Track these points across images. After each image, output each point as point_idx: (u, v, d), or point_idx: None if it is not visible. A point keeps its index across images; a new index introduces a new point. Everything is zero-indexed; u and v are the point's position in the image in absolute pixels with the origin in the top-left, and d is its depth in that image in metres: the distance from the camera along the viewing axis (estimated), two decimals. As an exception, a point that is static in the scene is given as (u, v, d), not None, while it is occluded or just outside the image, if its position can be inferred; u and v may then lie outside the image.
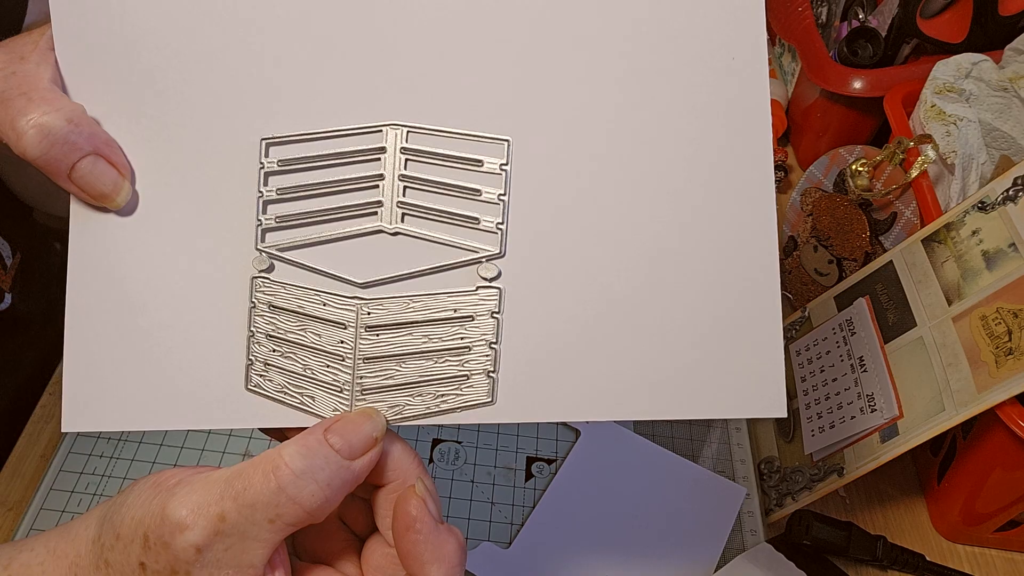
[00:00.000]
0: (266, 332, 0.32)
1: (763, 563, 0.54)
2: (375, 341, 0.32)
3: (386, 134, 0.32)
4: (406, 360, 0.32)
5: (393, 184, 0.32)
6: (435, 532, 0.31)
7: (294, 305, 0.32)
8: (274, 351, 0.32)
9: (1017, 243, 0.52)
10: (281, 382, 0.32)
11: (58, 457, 0.56)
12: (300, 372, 0.32)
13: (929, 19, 0.73)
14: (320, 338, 0.32)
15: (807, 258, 0.70)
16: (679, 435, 0.62)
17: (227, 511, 0.29)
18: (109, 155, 0.33)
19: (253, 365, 0.33)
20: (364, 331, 0.32)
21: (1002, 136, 0.61)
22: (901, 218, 0.64)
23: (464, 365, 0.32)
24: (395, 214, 0.32)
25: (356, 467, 0.30)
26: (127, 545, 0.30)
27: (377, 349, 0.32)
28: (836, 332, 0.62)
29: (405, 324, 0.32)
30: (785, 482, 0.58)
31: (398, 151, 0.32)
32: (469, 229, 0.32)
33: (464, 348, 0.32)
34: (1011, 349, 0.49)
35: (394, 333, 0.32)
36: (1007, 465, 0.52)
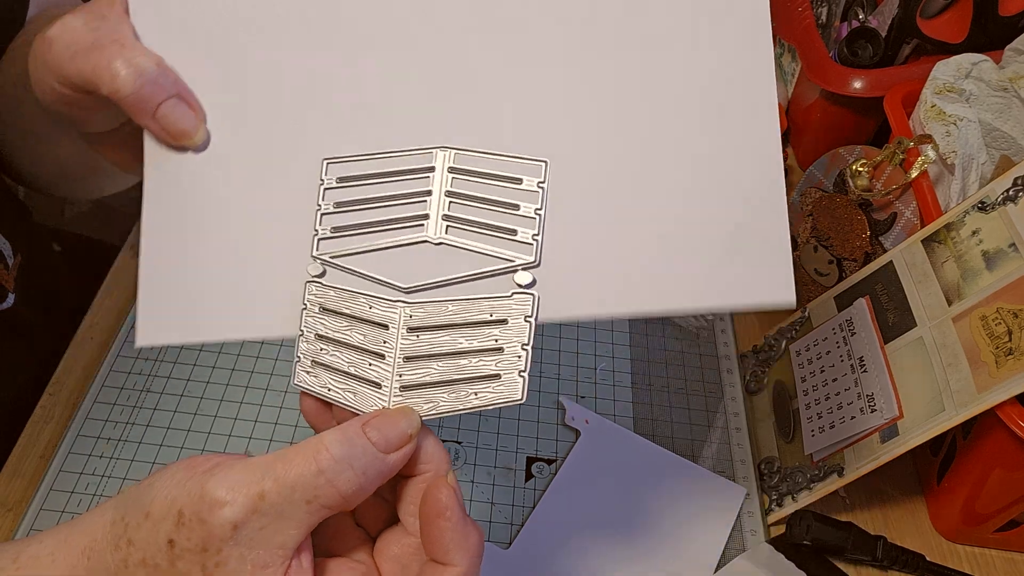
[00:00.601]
0: (315, 332, 0.35)
1: (763, 563, 0.54)
2: (415, 341, 0.34)
3: (436, 155, 0.35)
4: (443, 359, 0.34)
5: (439, 199, 0.35)
6: (463, 522, 0.32)
7: (343, 308, 0.35)
8: (322, 350, 0.35)
9: (1017, 243, 0.52)
10: (326, 379, 0.35)
11: (58, 457, 0.56)
12: (344, 369, 0.35)
13: (929, 19, 0.73)
14: (365, 338, 0.35)
15: (807, 258, 0.70)
16: (679, 435, 0.62)
17: (267, 490, 0.30)
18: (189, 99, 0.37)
19: (301, 362, 0.35)
20: (406, 332, 0.35)
21: (1002, 136, 0.61)
22: (901, 218, 0.64)
23: (497, 365, 0.34)
24: (440, 226, 0.35)
25: (391, 460, 0.32)
26: (157, 523, 0.31)
27: (417, 349, 0.34)
28: (836, 332, 0.62)
29: (444, 326, 0.34)
30: (785, 482, 0.58)
31: (446, 170, 0.35)
32: (507, 240, 0.34)
33: (498, 349, 0.34)
34: (1011, 349, 0.49)
35: (433, 334, 0.34)
36: (1007, 465, 0.52)
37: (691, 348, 0.68)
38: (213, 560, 0.30)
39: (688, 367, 0.67)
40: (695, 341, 0.69)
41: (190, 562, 0.30)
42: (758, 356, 0.67)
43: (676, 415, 0.63)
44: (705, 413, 0.64)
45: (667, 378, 0.66)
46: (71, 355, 0.62)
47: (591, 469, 0.59)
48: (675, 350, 0.68)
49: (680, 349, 0.68)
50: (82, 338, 0.63)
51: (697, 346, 0.68)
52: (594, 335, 0.68)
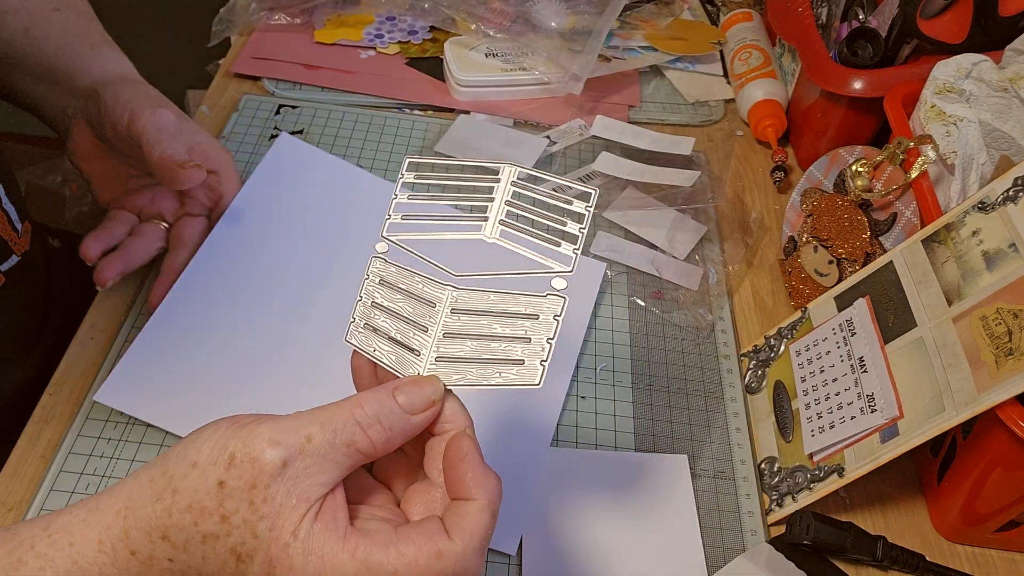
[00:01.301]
0: (372, 300, 0.41)
1: (763, 563, 0.54)
2: (456, 321, 0.39)
3: (503, 169, 0.41)
4: (477, 340, 0.39)
5: (499, 206, 0.41)
6: (482, 465, 0.37)
7: (400, 283, 0.41)
8: (374, 316, 0.41)
9: (1017, 243, 0.52)
10: (375, 341, 0.40)
11: (58, 458, 0.56)
12: (391, 335, 0.40)
13: (929, 19, 0.73)
14: (413, 311, 0.40)
15: (807, 258, 0.70)
16: (679, 435, 0.62)
17: (314, 434, 0.35)
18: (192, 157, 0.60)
19: (355, 323, 0.41)
20: (449, 312, 0.40)
21: (1002, 136, 0.61)
22: (901, 218, 0.64)
23: (523, 352, 0.39)
24: (495, 229, 0.40)
25: (414, 420, 0.37)
26: (206, 469, 0.35)
27: (456, 327, 0.39)
28: (836, 332, 0.62)
29: (483, 312, 0.39)
30: (785, 482, 0.58)
31: (509, 183, 0.41)
32: (550, 248, 0.39)
33: (526, 339, 0.39)
34: (1011, 349, 0.49)
35: (473, 317, 0.39)
36: (1007, 465, 0.52)
37: (691, 348, 0.68)
38: (261, 496, 0.34)
39: (688, 367, 0.67)
40: (695, 341, 0.69)
41: (239, 499, 0.34)
42: (758, 356, 0.67)
43: (676, 415, 0.63)
44: (705, 413, 0.64)
45: (667, 378, 0.66)
46: (71, 355, 0.62)
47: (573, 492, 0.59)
48: (675, 350, 0.68)
49: (680, 349, 0.68)
50: (82, 338, 0.63)
51: (697, 346, 0.68)
52: (595, 335, 0.68)
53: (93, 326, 0.64)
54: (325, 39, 0.91)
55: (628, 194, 0.79)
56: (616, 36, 0.92)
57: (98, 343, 0.63)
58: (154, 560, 0.36)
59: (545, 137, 0.84)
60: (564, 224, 0.39)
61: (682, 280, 0.73)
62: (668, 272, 0.73)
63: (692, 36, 0.96)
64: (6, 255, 0.60)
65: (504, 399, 0.62)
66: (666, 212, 0.78)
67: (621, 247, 0.75)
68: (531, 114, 0.86)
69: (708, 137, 0.88)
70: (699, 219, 0.78)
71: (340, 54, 0.90)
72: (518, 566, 0.54)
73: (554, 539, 0.55)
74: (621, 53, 0.92)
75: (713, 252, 0.76)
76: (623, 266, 0.74)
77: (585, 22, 0.90)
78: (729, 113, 0.92)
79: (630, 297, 0.71)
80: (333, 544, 0.35)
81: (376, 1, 0.95)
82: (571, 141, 0.85)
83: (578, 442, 0.61)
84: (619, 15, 0.91)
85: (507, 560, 0.54)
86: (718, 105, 0.92)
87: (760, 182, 0.84)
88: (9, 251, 0.61)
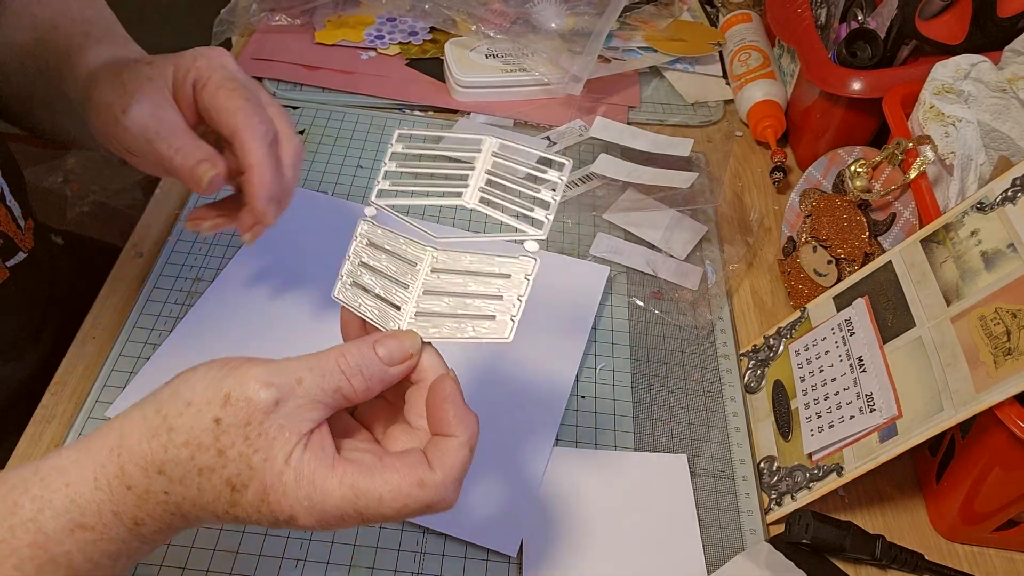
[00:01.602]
0: (360, 259, 0.44)
1: (762, 562, 0.54)
2: (435, 280, 0.42)
3: (484, 140, 0.43)
4: (454, 297, 0.42)
5: (479, 175, 0.43)
6: (464, 406, 0.40)
7: (385, 244, 0.44)
8: (361, 274, 0.44)
9: (1016, 244, 0.52)
10: (360, 296, 0.43)
11: (60, 457, 0.56)
12: (375, 292, 0.43)
13: (928, 20, 0.73)
14: (396, 270, 0.43)
15: (806, 259, 0.70)
16: (679, 435, 0.62)
17: (304, 377, 0.38)
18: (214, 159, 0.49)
19: (343, 280, 0.44)
20: (429, 271, 0.43)
21: (1001, 137, 0.61)
22: (900, 219, 0.65)
23: (495, 308, 0.41)
24: (475, 195, 0.43)
25: (393, 371, 0.40)
26: (201, 407, 0.37)
27: (435, 285, 0.42)
28: (835, 332, 0.62)
29: (460, 272, 0.42)
30: (784, 481, 0.59)
31: (490, 154, 0.43)
32: (524, 214, 0.42)
33: (499, 296, 0.41)
34: (1009, 349, 0.49)
35: (450, 276, 0.42)
36: (1006, 465, 0.52)
37: (691, 348, 0.68)
38: (256, 431, 0.37)
39: (688, 367, 0.67)
40: (695, 341, 0.69)
41: (234, 435, 0.37)
42: (757, 356, 0.67)
43: (675, 415, 0.64)
44: (704, 413, 0.64)
45: (667, 378, 0.66)
46: (73, 355, 0.62)
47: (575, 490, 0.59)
48: (675, 350, 0.68)
49: (680, 349, 0.68)
50: (83, 338, 0.63)
51: (697, 346, 0.69)
52: (594, 335, 0.68)
53: (95, 325, 0.64)
54: (326, 40, 0.91)
55: (628, 195, 0.79)
56: (616, 37, 0.93)
57: (99, 343, 0.63)
58: (150, 494, 0.38)
59: (545, 138, 0.84)
60: (538, 191, 0.42)
61: (681, 280, 0.73)
62: (667, 272, 0.73)
63: (691, 37, 0.96)
64: (12, 251, 0.60)
65: (509, 398, 0.62)
66: (665, 213, 0.78)
67: (621, 248, 0.75)
68: (531, 115, 0.87)
69: (707, 138, 0.89)
70: (698, 219, 0.78)
71: (341, 55, 0.91)
72: (518, 566, 0.54)
73: (554, 539, 0.55)
74: (621, 54, 0.92)
75: (712, 252, 0.76)
76: (622, 266, 0.74)
77: (585, 23, 0.90)
78: (728, 114, 0.92)
79: (630, 297, 0.71)
80: (323, 470, 0.37)
81: (377, 2, 0.95)
82: (571, 142, 0.85)
83: (578, 442, 0.61)
84: (619, 16, 0.92)
85: (507, 560, 0.54)
86: (717, 106, 0.92)
87: (759, 182, 0.84)
88: (15, 247, 0.61)
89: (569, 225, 0.77)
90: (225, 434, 0.37)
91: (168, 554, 0.52)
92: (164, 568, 0.52)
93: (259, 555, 0.53)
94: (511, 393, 0.63)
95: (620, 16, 0.92)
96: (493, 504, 0.56)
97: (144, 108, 0.48)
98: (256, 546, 0.53)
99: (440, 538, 0.55)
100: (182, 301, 0.66)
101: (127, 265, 0.69)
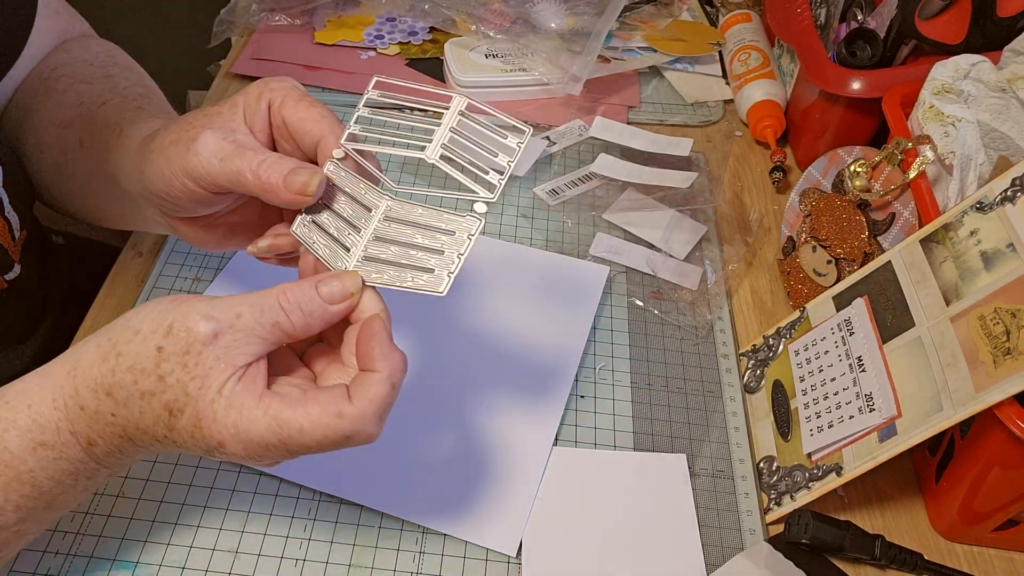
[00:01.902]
0: (321, 200, 0.46)
1: (762, 562, 0.54)
2: (387, 228, 0.44)
3: (455, 98, 0.45)
4: (400, 246, 0.44)
5: (444, 132, 0.45)
6: (389, 344, 0.42)
7: (346, 187, 0.46)
8: (320, 212, 0.46)
9: (1015, 243, 0.52)
10: (315, 234, 0.46)
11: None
12: (329, 231, 0.45)
13: (927, 20, 0.73)
14: (353, 214, 0.45)
15: (805, 258, 0.70)
16: (678, 434, 0.62)
17: (243, 312, 0.40)
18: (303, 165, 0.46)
19: (303, 216, 0.46)
20: (382, 218, 0.45)
21: (1000, 137, 0.61)
22: (899, 218, 0.65)
23: (435, 263, 0.43)
24: (437, 151, 0.45)
25: (332, 309, 0.42)
26: (147, 336, 0.40)
27: (385, 233, 0.44)
28: (835, 332, 0.62)
29: (410, 223, 0.44)
30: (783, 481, 0.59)
31: (457, 112, 0.45)
32: (479, 176, 0.43)
33: (440, 251, 0.43)
34: (1009, 349, 0.49)
35: (401, 226, 0.44)
36: (1005, 464, 0.52)
37: (690, 348, 0.68)
38: (194, 360, 0.39)
39: (687, 367, 0.67)
40: (694, 341, 0.69)
41: (174, 363, 0.39)
42: (757, 355, 0.67)
43: (675, 415, 0.64)
44: (704, 412, 0.64)
45: (666, 378, 0.66)
46: (72, 355, 0.62)
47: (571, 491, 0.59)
48: (674, 350, 0.68)
49: (679, 349, 0.68)
50: (83, 338, 0.63)
51: (696, 346, 0.69)
52: (594, 335, 0.68)
53: (94, 326, 0.64)
54: (325, 40, 0.91)
55: (627, 195, 0.79)
56: (615, 37, 0.93)
57: (99, 343, 0.63)
58: (99, 415, 0.41)
59: (544, 138, 0.84)
60: (496, 155, 0.43)
61: (681, 280, 0.73)
62: (667, 272, 0.73)
63: (691, 37, 0.96)
64: (8, 266, 0.60)
65: (509, 398, 0.62)
66: (665, 213, 0.78)
67: (620, 248, 0.75)
68: (530, 115, 0.87)
69: (707, 138, 0.89)
70: (698, 219, 0.78)
71: (340, 55, 0.91)
72: (518, 565, 0.54)
73: (553, 538, 0.55)
74: (620, 54, 0.92)
75: (712, 252, 0.76)
76: (622, 266, 0.74)
77: (584, 23, 0.90)
78: (728, 114, 0.92)
79: (629, 297, 0.71)
80: (250, 401, 0.40)
81: (376, 2, 0.95)
82: (570, 142, 0.85)
83: (577, 441, 0.61)
84: (618, 16, 0.92)
85: (507, 560, 0.54)
86: (717, 106, 0.92)
87: (759, 182, 0.84)
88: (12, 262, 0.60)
89: (569, 225, 0.77)
90: (166, 361, 0.40)
91: (168, 553, 0.52)
92: (164, 568, 0.52)
93: (259, 555, 0.53)
94: (511, 393, 0.63)
95: (620, 16, 0.92)
96: (493, 504, 0.56)
97: (216, 133, 0.47)
98: (256, 546, 0.53)
99: (440, 538, 0.55)
100: (182, 301, 0.66)
101: (126, 265, 0.69)
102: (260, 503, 0.55)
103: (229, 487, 0.56)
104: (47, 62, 0.64)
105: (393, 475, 0.57)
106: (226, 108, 0.48)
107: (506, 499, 0.57)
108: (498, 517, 0.56)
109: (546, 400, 0.62)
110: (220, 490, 0.55)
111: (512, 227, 0.76)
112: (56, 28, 0.66)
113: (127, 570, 0.51)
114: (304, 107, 0.47)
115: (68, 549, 0.52)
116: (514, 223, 0.77)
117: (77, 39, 0.68)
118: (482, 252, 0.73)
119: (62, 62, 0.64)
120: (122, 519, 0.53)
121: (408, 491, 0.56)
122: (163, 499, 0.55)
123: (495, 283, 0.70)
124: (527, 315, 0.68)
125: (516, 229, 0.76)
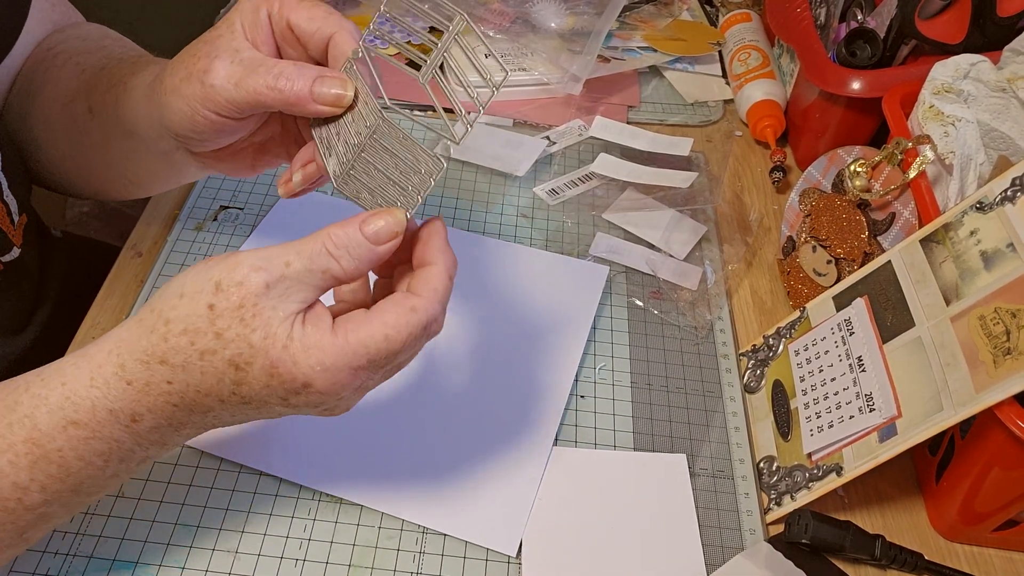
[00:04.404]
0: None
1: (762, 562, 0.54)
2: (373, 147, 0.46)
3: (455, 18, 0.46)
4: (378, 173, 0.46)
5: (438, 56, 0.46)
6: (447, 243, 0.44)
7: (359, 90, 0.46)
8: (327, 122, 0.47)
9: (1015, 243, 0.52)
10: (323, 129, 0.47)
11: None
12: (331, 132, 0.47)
13: (927, 20, 0.73)
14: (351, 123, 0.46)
15: (805, 258, 0.70)
16: (678, 434, 0.62)
17: (292, 261, 0.40)
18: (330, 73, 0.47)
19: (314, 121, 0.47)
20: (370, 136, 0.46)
21: (1000, 137, 0.61)
22: (899, 218, 0.65)
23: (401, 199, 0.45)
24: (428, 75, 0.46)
25: (379, 251, 0.42)
26: (194, 297, 0.40)
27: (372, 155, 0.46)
28: (835, 332, 0.62)
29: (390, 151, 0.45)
30: (784, 481, 0.59)
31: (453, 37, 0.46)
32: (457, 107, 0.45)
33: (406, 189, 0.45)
34: (1009, 349, 0.49)
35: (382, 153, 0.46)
36: (1005, 464, 0.52)
37: (690, 348, 0.68)
38: (250, 312, 0.39)
39: (687, 367, 0.67)
40: (694, 341, 0.69)
41: (229, 318, 0.39)
42: (757, 355, 0.67)
43: (675, 415, 0.64)
44: (704, 412, 0.64)
45: (666, 378, 0.66)
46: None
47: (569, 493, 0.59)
48: (674, 350, 0.68)
49: (679, 349, 0.68)
50: (82, 339, 0.63)
51: (696, 346, 0.69)
52: (594, 335, 0.68)
53: (93, 326, 0.64)
54: (325, 40, 0.91)
55: (627, 195, 0.79)
56: (615, 37, 0.93)
57: (98, 343, 0.63)
58: (151, 386, 0.40)
59: (544, 138, 0.84)
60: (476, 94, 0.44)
61: (681, 280, 0.73)
62: (666, 272, 0.73)
63: (691, 37, 0.96)
64: (7, 247, 0.60)
65: (509, 398, 0.62)
66: (665, 212, 0.78)
67: (620, 248, 0.75)
68: (530, 115, 0.87)
69: (707, 137, 0.89)
70: (698, 219, 0.78)
71: (340, 55, 0.90)
72: (518, 565, 0.54)
73: (554, 538, 0.55)
74: (620, 54, 0.92)
75: (712, 252, 0.76)
76: (622, 266, 0.74)
77: (584, 23, 0.90)
78: (728, 113, 0.92)
79: (629, 297, 0.71)
80: (326, 338, 0.40)
81: (376, 2, 0.95)
82: (570, 142, 0.85)
83: (577, 441, 0.61)
84: (618, 16, 0.92)
85: (507, 560, 0.54)
86: (717, 105, 0.92)
87: (759, 182, 0.84)
88: (10, 244, 0.61)
89: (569, 225, 0.77)
90: (220, 318, 0.39)
91: (168, 553, 0.52)
92: (163, 568, 0.52)
93: (258, 555, 0.53)
94: (511, 393, 0.63)
95: (619, 16, 0.92)
96: (493, 504, 0.56)
97: (223, 59, 0.46)
98: (256, 546, 0.53)
99: (440, 538, 0.55)
100: (181, 301, 0.66)
101: (126, 265, 0.69)
102: (260, 503, 0.55)
103: (229, 487, 0.56)
104: (43, 45, 0.64)
105: (393, 475, 0.57)
106: (224, 30, 0.47)
107: (506, 499, 0.57)
108: (498, 517, 0.56)
109: (546, 400, 0.62)
110: (220, 490, 0.55)
111: (512, 227, 0.76)
112: (52, 18, 0.66)
113: (127, 570, 0.51)
114: (307, 6, 0.47)
115: (68, 549, 0.52)
116: (514, 223, 0.77)
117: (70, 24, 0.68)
118: (482, 252, 0.73)
119: (57, 42, 0.64)
120: (122, 519, 0.53)
121: (408, 491, 0.56)
122: (163, 499, 0.55)
123: (495, 283, 0.70)
124: (527, 315, 0.68)
125: (516, 229, 0.76)
